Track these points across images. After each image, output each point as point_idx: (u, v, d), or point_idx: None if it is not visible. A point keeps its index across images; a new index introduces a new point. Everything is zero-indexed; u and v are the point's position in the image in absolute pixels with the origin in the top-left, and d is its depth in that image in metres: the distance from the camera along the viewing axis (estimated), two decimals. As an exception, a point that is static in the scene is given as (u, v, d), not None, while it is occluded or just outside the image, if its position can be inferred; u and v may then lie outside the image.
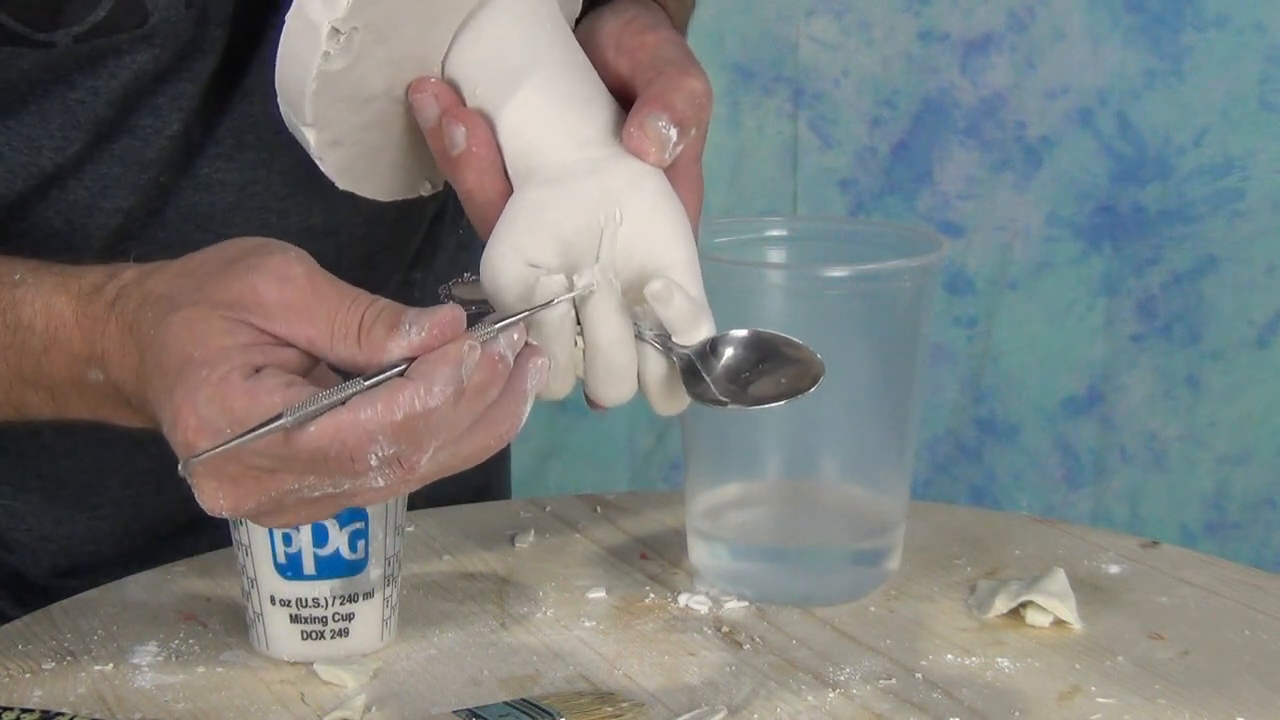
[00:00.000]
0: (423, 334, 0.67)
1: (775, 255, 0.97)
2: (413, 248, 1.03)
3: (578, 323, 0.74)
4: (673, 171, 0.77)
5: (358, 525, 0.85)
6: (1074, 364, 2.02)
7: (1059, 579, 0.93)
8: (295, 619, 0.86)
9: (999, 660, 0.87)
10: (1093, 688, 0.84)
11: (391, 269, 1.02)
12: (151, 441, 0.73)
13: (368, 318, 0.68)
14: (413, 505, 0.93)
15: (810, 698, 0.83)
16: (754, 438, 0.94)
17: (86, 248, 0.90)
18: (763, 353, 0.76)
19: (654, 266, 0.75)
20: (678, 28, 0.86)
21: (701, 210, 0.79)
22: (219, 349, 0.68)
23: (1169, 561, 0.99)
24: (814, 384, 0.75)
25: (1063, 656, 0.87)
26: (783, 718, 0.81)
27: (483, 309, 0.77)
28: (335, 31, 0.74)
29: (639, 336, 0.75)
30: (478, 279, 0.76)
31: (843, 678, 0.85)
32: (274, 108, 0.82)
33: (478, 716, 0.79)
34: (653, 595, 0.95)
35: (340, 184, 0.81)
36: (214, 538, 0.95)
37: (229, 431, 0.67)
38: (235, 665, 0.86)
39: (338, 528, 0.84)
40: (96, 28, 0.81)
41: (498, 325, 0.69)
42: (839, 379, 0.91)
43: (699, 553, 0.96)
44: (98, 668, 0.86)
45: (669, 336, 0.75)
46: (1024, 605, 0.91)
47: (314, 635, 0.86)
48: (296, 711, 0.82)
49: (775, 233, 0.98)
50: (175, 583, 0.96)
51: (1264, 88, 1.91)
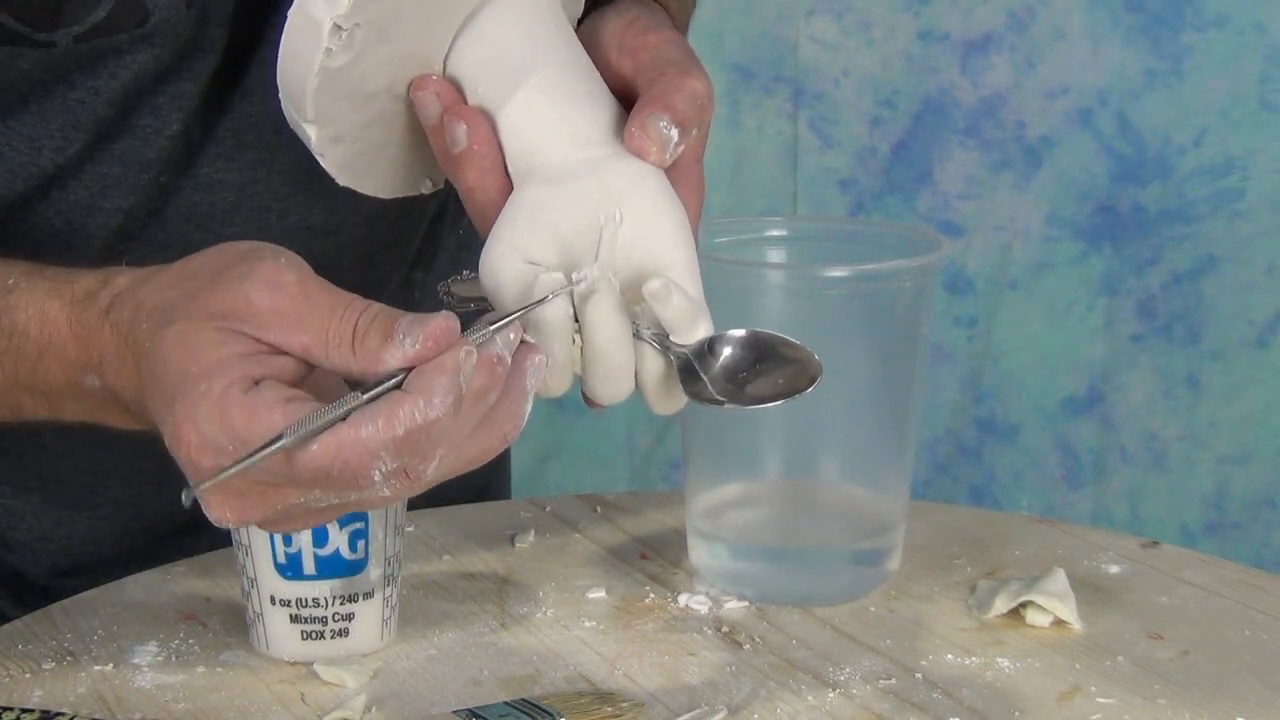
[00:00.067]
0: (417, 345, 0.67)
1: (775, 255, 0.97)
2: (413, 247, 1.03)
3: (576, 321, 0.74)
4: (674, 172, 0.77)
5: (358, 525, 0.85)
6: (1074, 364, 2.02)
7: (1059, 579, 0.93)
8: (295, 619, 0.86)
9: (999, 660, 0.87)
10: (1093, 688, 0.84)
11: (392, 269, 1.02)
12: (151, 442, 0.72)
13: (361, 325, 0.68)
14: (413, 505, 0.93)
15: (810, 698, 0.83)
16: (754, 438, 0.94)
17: (86, 248, 0.90)
18: (760, 353, 0.76)
19: (653, 266, 0.75)
20: (679, 28, 0.86)
21: (702, 211, 0.79)
22: (215, 361, 0.68)
23: (1169, 561, 0.99)
24: (811, 384, 0.75)
25: (1063, 656, 0.87)
26: (783, 718, 0.81)
27: (481, 306, 0.77)
28: (337, 28, 0.74)
29: (637, 335, 0.75)
30: (476, 276, 0.76)
31: (843, 678, 0.85)
32: (274, 107, 0.82)
33: (478, 716, 0.79)
34: (653, 595, 0.95)
35: (341, 181, 0.81)
36: (214, 538, 0.95)
37: (230, 449, 0.67)
38: (235, 665, 0.86)
39: (338, 528, 0.84)
40: (97, 27, 0.81)
41: (493, 326, 0.68)
42: (839, 379, 0.91)
43: (699, 553, 0.96)
44: (98, 668, 0.86)
45: (667, 336, 0.75)
46: (1024, 605, 0.91)
47: (314, 635, 0.86)
48: (296, 711, 0.82)
49: (775, 233, 0.98)
50: (175, 583, 0.96)
51: (1264, 88, 1.91)
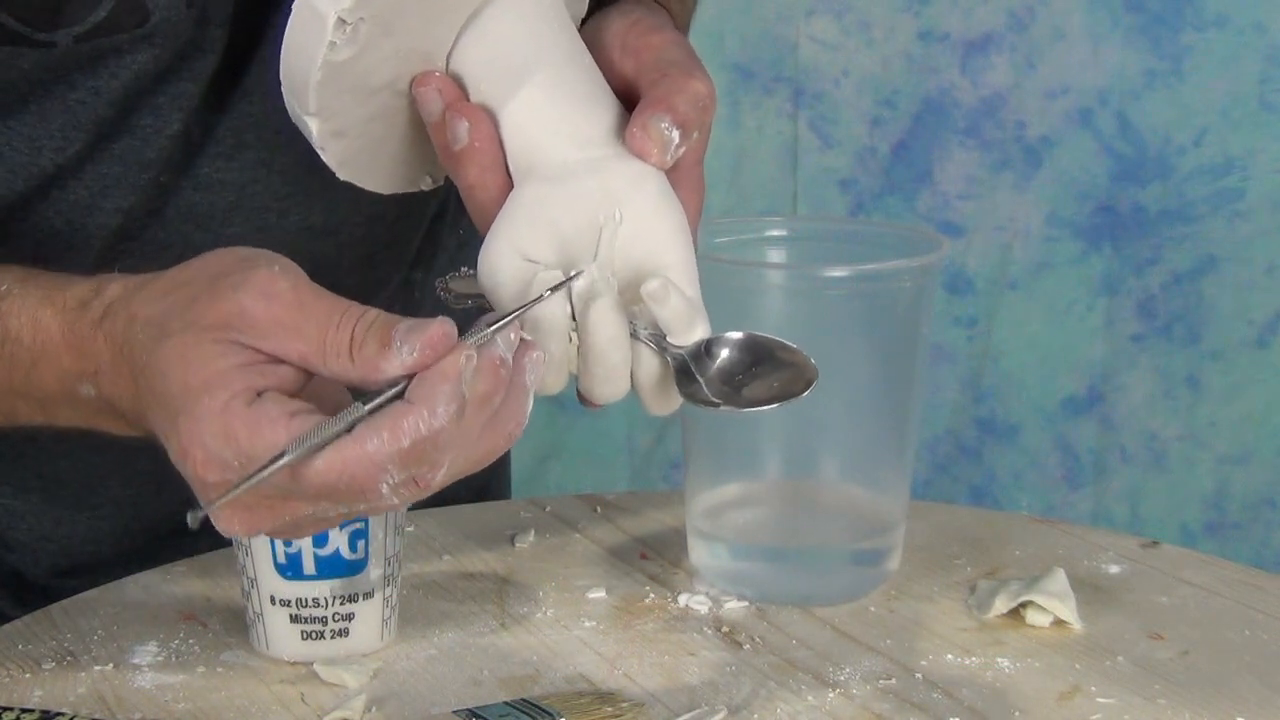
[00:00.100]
0: (415, 353, 0.67)
1: (775, 255, 0.97)
2: (413, 247, 1.03)
3: (573, 319, 0.74)
4: (674, 173, 0.77)
5: (358, 525, 0.85)
6: (1074, 364, 2.02)
7: (1059, 579, 0.93)
8: (295, 619, 0.86)
9: (999, 660, 0.87)
10: (1093, 688, 0.84)
11: (392, 269, 1.02)
12: (150, 443, 0.73)
13: (358, 333, 0.68)
14: (412, 505, 0.93)
15: (810, 698, 0.83)
16: (754, 438, 0.94)
17: (86, 248, 0.90)
18: (757, 355, 0.76)
19: (652, 267, 0.75)
20: (680, 29, 0.86)
21: (702, 213, 0.79)
22: (215, 374, 0.68)
23: (1169, 561, 0.99)
24: (807, 388, 0.75)
25: (1063, 656, 0.87)
26: (783, 718, 0.81)
27: (479, 303, 0.77)
28: (341, 22, 0.74)
29: (634, 336, 0.75)
30: (474, 273, 0.76)
31: (843, 678, 0.85)
32: (274, 107, 0.82)
33: (478, 716, 0.79)
34: (653, 595, 0.95)
35: (341, 175, 0.81)
36: (214, 538, 0.94)
37: (236, 464, 0.67)
38: (235, 665, 0.86)
39: (338, 528, 0.84)
40: (97, 27, 0.81)
41: (493, 327, 0.68)
42: (839, 379, 0.91)
43: (699, 553, 0.96)
44: (98, 668, 0.86)
45: (664, 336, 0.75)
46: (1024, 605, 0.91)
47: (314, 635, 0.86)
48: (296, 711, 0.82)
49: (775, 233, 0.98)
50: (175, 583, 0.96)
51: (1264, 88, 1.91)
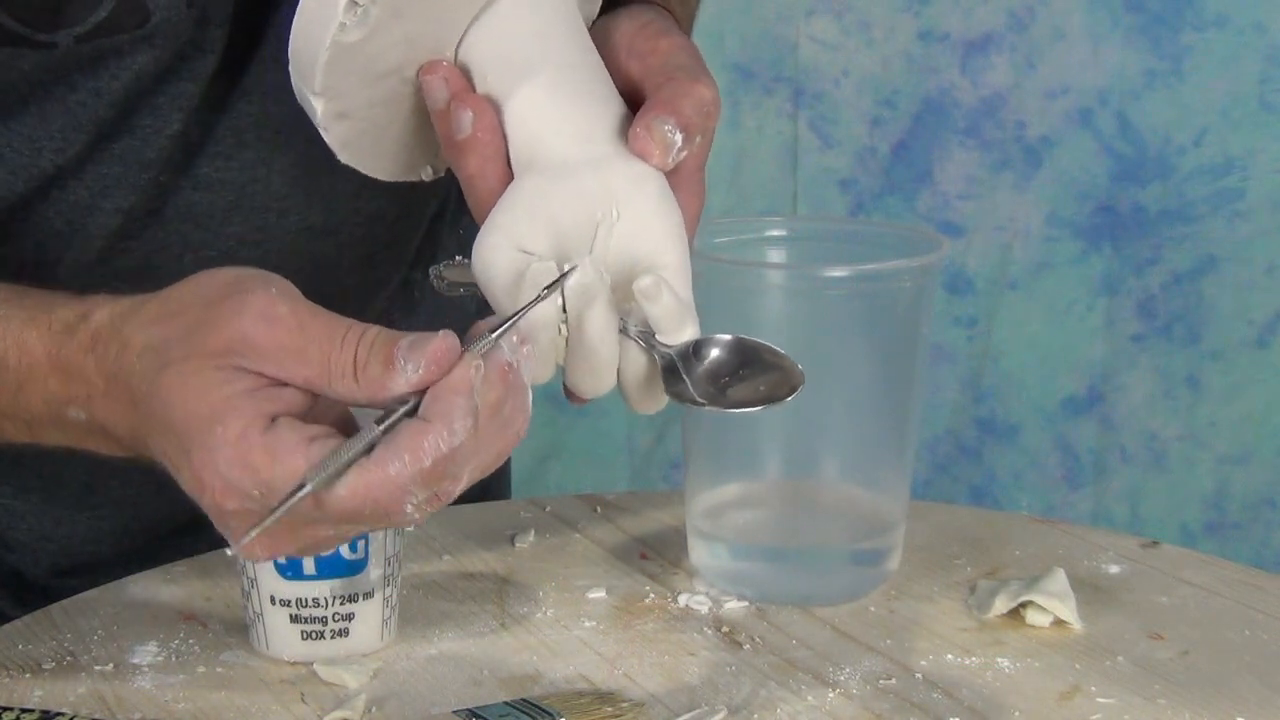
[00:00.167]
0: (420, 371, 0.67)
1: (775, 255, 0.97)
2: (413, 247, 1.03)
3: (564, 310, 0.74)
4: (675, 177, 0.77)
5: (358, 525, 0.85)
6: (1074, 364, 2.02)
7: (1059, 579, 0.93)
8: (295, 619, 0.86)
9: (999, 660, 0.87)
10: (1093, 688, 0.84)
11: (392, 269, 1.02)
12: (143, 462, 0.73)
13: (361, 354, 0.68)
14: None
15: (810, 698, 0.83)
16: (754, 438, 0.94)
17: (86, 248, 0.90)
18: (745, 359, 0.76)
19: (646, 267, 0.75)
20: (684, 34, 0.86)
21: (700, 218, 0.79)
22: (224, 401, 0.68)
23: (1169, 561, 0.99)
24: (792, 393, 0.74)
25: (1063, 656, 0.87)
26: (783, 718, 0.81)
27: (471, 291, 0.77)
28: (353, 3, 0.74)
29: (623, 332, 0.75)
30: (468, 262, 0.76)
31: (843, 678, 0.85)
32: (274, 107, 0.82)
33: (478, 716, 0.78)
34: (653, 595, 0.95)
35: (342, 158, 0.81)
36: (214, 538, 0.94)
37: (257, 493, 0.67)
38: (235, 665, 0.86)
39: (338, 528, 0.84)
40: (98, 28, 0.81)
41: (496, 334, 0.68)
42: (839, 379, 0.91)
43: (699, 553, 0.96)
44: (98, 668, 0.86)
45: (653, 335, 0.75)
46: (1024, 605, 0.91)
47: (314, 635, 0.86)
48: (296, 711, 0.82)
49: (775, 233, 0.98)
50: (175, 583, 0.96)
51: (1264, 88, 1.91)
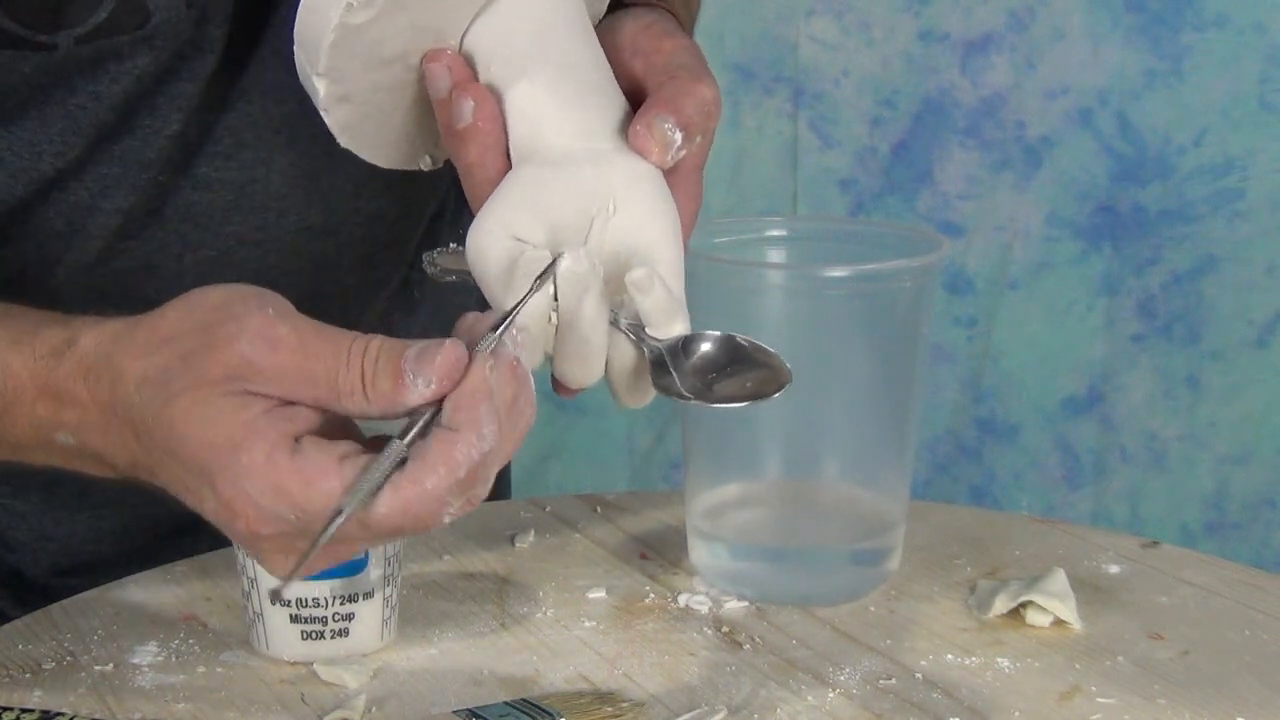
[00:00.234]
0: (432, 385, 0.67)
1: (775, 255, 0.97)
2: (413, 248, 1.03)
3: (555, 299, 0.74)
4: (673, 176, 0.77)
5: (358, 525, 0.85)
6: (1074, 364, 2.02)
7: (1059, 579, 0.93)
8: (295, 619, 0.86)
9: (999, 660, 0.87)
10: (1093, 688, 0.84)
11: (391, 269, 1.02)
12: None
13: (368, 370, 0.68)
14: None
15: (810, 698, 0.83)
16: (754, 438, 0.94)
17: (86, 248, 0.90)
18: (733, 356, 0.76)
19: (639, 262, 0.75)
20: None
21: (697, 219, 0.79)
22: (242, 427, 0.67)
23: (1169, 561, 0.99)
24: (779, 390, 0.75)
25: (1063, 656, 0.87)
26: (783, 718, 0.81)
27: (463, 278, 0.77)
28: None
29: (613, 324, 0.75)
30: (461, 249, 0.76)
31: (843, 678, 0.85)
32: (273, 107, 0.82)
33: (478, 716, 0.79)
34: (653, 595, 0.95)
35: (341, 141, 0.81)
36: (214, 538, 0.94)
37: (292, 517, 0.67)
38: (235, 665, 0.86)
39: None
40: (98, 29, 0.81)
41: (499, 330, 0.69)
42: (839, 379, 0.91)
43: (699, 553, 0.96)
44: (98, 668, 0.86)
45: (643, 328, 0.75)
46: (1024, 605, 0.91)
47: (314, 635, 0.86)
48: (296, 711, 0.82)
49: (775, 233, 0.98)
50: (175, 583, 0.96)
51: (1264, 88, 1.91)
